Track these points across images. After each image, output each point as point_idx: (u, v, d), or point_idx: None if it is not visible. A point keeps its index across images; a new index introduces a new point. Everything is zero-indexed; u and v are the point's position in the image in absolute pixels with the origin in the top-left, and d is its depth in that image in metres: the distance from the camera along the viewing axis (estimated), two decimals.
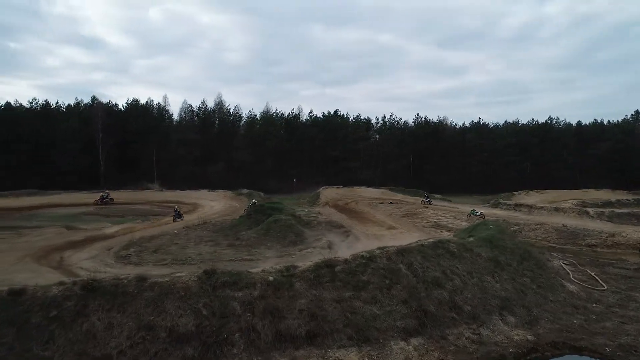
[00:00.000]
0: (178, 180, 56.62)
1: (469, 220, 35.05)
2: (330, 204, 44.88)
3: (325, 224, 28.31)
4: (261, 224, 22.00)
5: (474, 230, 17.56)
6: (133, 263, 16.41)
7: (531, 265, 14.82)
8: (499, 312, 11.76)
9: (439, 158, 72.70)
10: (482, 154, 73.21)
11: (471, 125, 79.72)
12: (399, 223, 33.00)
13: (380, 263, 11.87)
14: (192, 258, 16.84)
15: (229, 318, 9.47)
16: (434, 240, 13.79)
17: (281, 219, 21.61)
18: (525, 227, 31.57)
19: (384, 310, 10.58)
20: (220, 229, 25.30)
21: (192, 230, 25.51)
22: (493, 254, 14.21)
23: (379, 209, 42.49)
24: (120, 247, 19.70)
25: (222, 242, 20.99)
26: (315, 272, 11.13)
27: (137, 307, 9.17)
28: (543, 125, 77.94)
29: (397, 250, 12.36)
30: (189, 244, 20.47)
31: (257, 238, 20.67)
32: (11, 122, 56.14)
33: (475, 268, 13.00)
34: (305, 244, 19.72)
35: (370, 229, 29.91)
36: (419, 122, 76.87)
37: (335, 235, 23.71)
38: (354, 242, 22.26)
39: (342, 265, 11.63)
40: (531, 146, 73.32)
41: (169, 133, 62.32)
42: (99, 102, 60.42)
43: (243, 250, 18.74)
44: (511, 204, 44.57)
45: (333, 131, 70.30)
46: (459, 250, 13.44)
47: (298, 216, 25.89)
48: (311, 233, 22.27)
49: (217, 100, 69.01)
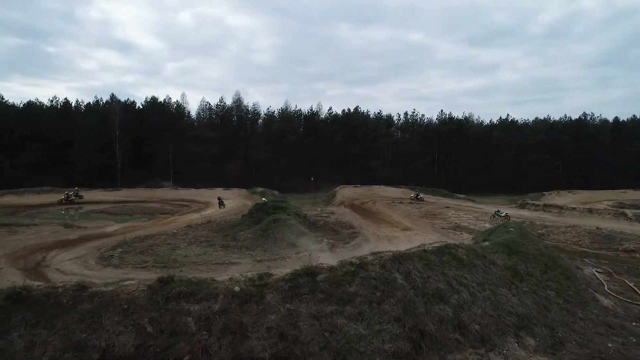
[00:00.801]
0: (194, 178, 56.00)
1: (493, 221, 32.67)
2: (346, 203, 43.07)
3: (333, 224, 26.58)
4: (259, 224, 20.45)
5: (492, 234, 15.46)
6: (113, 265, 15.14)
7: (557, 275, 12.68)
8: (515, 332, 9.77)
9: (464, 156, 69.75)
10: (510, 152, 69.72)
11: (499, 122, 76.15)
12: (415, 224, 30.92)
13: (371, 271, 10.06)
14: (177, 261, 15.45)
15: (180, 337, 7.90)
16: (439, 244, 11.83)
17: (281, 219, 20.00)
18: (554, 229, 28.99)
19: (371, 329, 8.78)
20: (222, 229, 23.97)
21: (193, 230, 24.28)
22: (511, 261, 12.16)
23: (396, 209, 40.45)
24: (109, 248, 18.51)
25: (217, 242, 19.58)
26: (292, 282, 9.42)
27: (68, 322, 7.72)
28: (576, 121, 73.69)
29: (393, 257, 10.52)
30: (182, 244, 19.12)
31: (253, 239, 19.13)
32: (32, 120, 56.76)
33: (487, 278, 11.02)
34: (305, 246, 18.04)
35: (383, 230, 27.99)
36: (443, 118, 73.91)
37: (341, 236, 21.95)
38: (361, 245, 20.46)
39: (326, 273, 9.89)
40: (563, 144, 69.36)
41: (185, 130, 61.75)
42: (116, 100, 60.45)
43: (235, 252, 17.24)
44: (540, 204, 41.72)
45: (353, 128, 68.24)
46: (469, 257, 11.47)
47: (303, 216, 24.23)
48: (313, 234, 20.56)
49: (236, 98, 68.26)
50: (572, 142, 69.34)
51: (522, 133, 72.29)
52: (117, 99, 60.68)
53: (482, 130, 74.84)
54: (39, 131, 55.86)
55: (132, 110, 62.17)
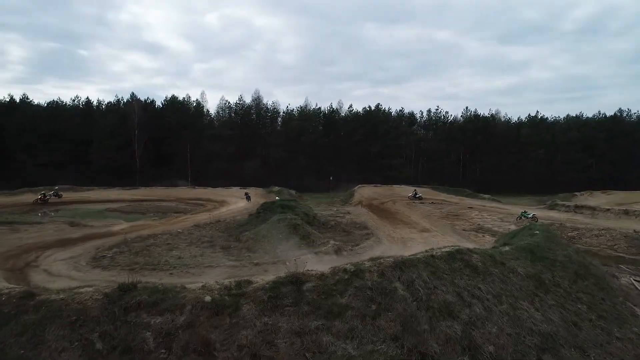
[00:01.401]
0: (212, 176, 55.53)
1: (519, 223, 30.59)
2: (364, 203, 41.54)
3: (346, 225, 25.23)
4: (264, 224, 19.31)
5: (514, 237, 13.82)
6: (102, 267, 14.27)
7: (589, 286, 10.99)
8: (538, 355, 8.26)
9: (490, 155, 66.97)
10: (540, 150, 66.51)
11: (527, 119, 72.75)
12: (435, 225, 29.23)
13: (368, 280, 8.72)
14: (168, 262, 14.45)
15: (134, 355, 6.77)
16: (449, 249, 10.34)
17: (286, 219, 18.79)
18: (586, 232, 26.81)
19: (362, 349, 7.45)
20: (228, 228, 23.03)
21: (199, 230, 23.40)
22: (534, 269, 10.58)
23: (416, 209, 38.67)
24: (106, 248, 17.74)
25: (219, 243, 18.55)
26: (273, 292, 8.19)
27: (5, 336, 6.69)
28: (611, 118, 69.59)
29: (394, 263, 9.13)
30: (182, 245, 18.17)
31: (255, 240, 18.01)
32: (54, 119, 57.52)
33: (506, 289, 9.49)
34: (310, 248, 16.79)
35: (399, 231, 26.46)
36: (468, 116, 71.18)
37: (352, 238, 20.59)
38: (372, 247, 19.06)
39: (315, 281, 8.61)
40: (597, 142, 65.64)
41: (203, 129, 61.41)
42: (136, 98, 60.67)
43: (233, 254, 16.13)
44: (571, 205, 39.16)
45: (374, 126, 66.39)
46: (485, 264, 9.95)
47: (312, 216, 22.95)
48: (322, 235, 19.25)
49: (255, 96, 67.59)
50: (606, 141, 65.55)
51: (552, 131, 68.82)
52: (136, 97, 61.10)
53: (510, 128, 71.71)
54: (60, 130, 56.55)
55: (151, 109, 62.27)
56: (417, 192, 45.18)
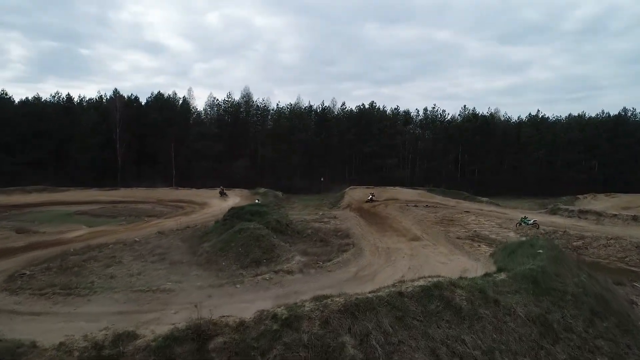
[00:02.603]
0: (197, 177, 52.95)
1: (519, 230, 28.14)
2: (353, 206, 38.99)
3: (327, 232, 22.67)
4: (224, 234, 16.75)
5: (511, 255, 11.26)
6: (10, 290, 11.69)
7: (610, 328, 8.45)
8: None
9: (489, 155, 64.37)
10: (540, 151, 63.89)
11: (528, 118, 70.04)
12: (427, 232, 26.67)
13: (305, 333, 6.17)
14: (94, 285, 11.84)
15: None
16: (424, 282, 7.75)
17: (248, 229, 16.18)
18: (593, 242, 24.32)
19: None
20: (191, 237, 20.50)
21: (159, 238, 20.93)
22: (539, 307, 8.04)
23: (409, 213, 36.11)
24: (40, 261, 15.28)
25: (171, 257, 15.97)
26: (161, 354, 5.61)
27: None
28: (615, 118, 66.88)
29: (344, 307, 6.59)
30: (126, 259, 15.59)
31: (212, 253, 15.42)
32: (33, 116, 54.89)
33: (501, 342, 6.94)
34: (270, 265, 14.22)
35: (386, 239, 23.92)
36: (466, 114, 68.50)
37: (327, 250, 18.00)
38: (349, 262, 16.50)
39: (228, 335, 6.06)
40: (600, 142, 63.01)
41: (189, 127, 58.65)
42: (118, 94, 57.92)
43: (179, 272, 13.56)
44: (574, 210, 36.62)
45: (367, 125, 63.61)
46: (473, 304, 7.41)
47: (286, 223, 20.26)
48: (291, 248, 16.67)
49: (244, 93, 64.91)
50: (610, 141, 62.86)
51: (553, 130, 66.17)
52: (119, 93, 58.30)
53: (510, 127, 69.05)
54: (40, 128, 53.94)
55: (135, 106, 59.50)
56: (372, 195, 43.00)
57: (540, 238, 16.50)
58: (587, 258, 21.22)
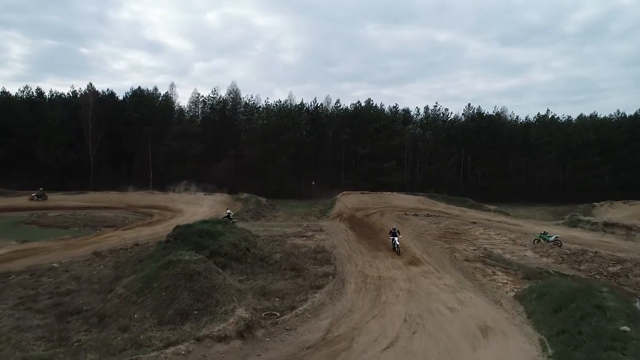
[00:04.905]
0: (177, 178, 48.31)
1: (538, 248, 23.43)
2: (345, 215, 34.28)
3: (305, 254, 18.09)
4: (149, 268, 12.13)
5: (557, 314, 6.64)
6: None
7: None
8: None
9: (495, 158, 59.58)
10: (551, 154, 59.11)
11: (536, 119, 65.14)
12: (429, 251, 22.03)
13: None
14: None
15: None
16: None
17: (180, 262, 11.40)
18: (634, 267, 19.57)
19: None
20: (125, 263, 15.93)
21: (85, 264, 16.43)
22: None
23: (409, 224, 31.47)
24: None
25: (71, 303, 11.33)
26: None
27: None
28: (632, 118, 62.07)
29: None
30: (3, 304, 10.95)
31: (126, 297, 10.77)
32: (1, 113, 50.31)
33: None
34: (203, 319, 9.60)
35: (379, 262, 19.31)
36: (470, 114, 63.64)
37: (300, 285, 13.34)
38: (320, 310, 11.85)
39: None
40: (616, 145, 58.24)
41: (169, 125, 53.79)
42: (92, 89, 53.14)
43: (53, 339, 8.90)
44: (598, 222, 31.86)
45: (363, 125, 58.61)
46: None
47: (245, 248, 15.42)
48: (241, 286, 11.98)
49: (231, 89, 60.20)
50: (627, 144, 58.07)
51: (565, 132, 61.27)
52: (93, 88, 53.51)
53: (517, 128, 64.13)
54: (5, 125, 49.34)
55: (110, 102, 54.73)
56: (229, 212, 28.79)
57: (605, 286, 11.78)
58: (630, 289, 16.52)
